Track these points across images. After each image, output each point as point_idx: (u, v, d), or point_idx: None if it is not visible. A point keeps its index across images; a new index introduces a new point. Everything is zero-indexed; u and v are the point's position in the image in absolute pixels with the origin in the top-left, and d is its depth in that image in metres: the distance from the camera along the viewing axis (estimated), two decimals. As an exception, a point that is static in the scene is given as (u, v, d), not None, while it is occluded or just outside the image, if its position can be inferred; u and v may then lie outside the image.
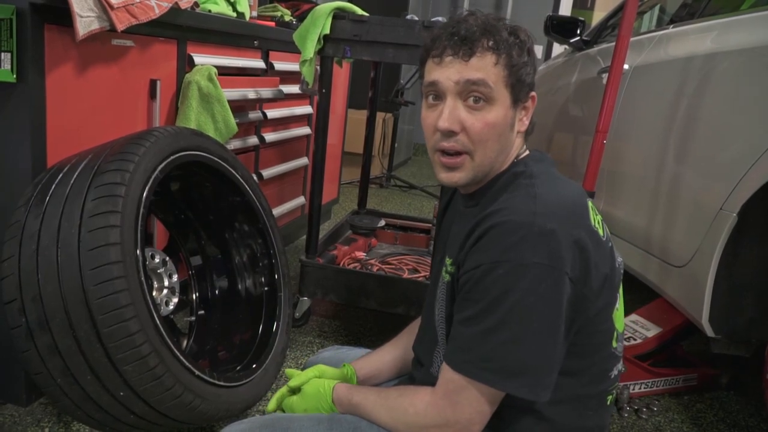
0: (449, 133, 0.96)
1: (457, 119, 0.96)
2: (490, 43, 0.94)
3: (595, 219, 0.98)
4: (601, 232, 0.97)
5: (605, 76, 2.01)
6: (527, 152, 1.05)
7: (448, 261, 1.03)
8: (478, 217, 0.95)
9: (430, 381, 1.08)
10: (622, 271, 1.04)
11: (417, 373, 1.18)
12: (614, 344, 1.02)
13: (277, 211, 2.48)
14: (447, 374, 0.94)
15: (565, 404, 0.98)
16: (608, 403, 1.06)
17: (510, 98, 0.97)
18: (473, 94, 0.95)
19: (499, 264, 0.88)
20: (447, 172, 1.00)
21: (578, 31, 3.06)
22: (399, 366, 1.28)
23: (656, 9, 3.26)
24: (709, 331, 1.62)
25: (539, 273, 0.87)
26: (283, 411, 1.18)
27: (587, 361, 0.99)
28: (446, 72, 0.96)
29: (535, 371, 0.90)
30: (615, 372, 1.04)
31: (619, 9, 2.83)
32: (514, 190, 0.96)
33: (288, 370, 1.23)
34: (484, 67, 0.94)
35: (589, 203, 0.99)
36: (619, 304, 1.03)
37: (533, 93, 1.02)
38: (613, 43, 1.93)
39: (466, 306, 0.93)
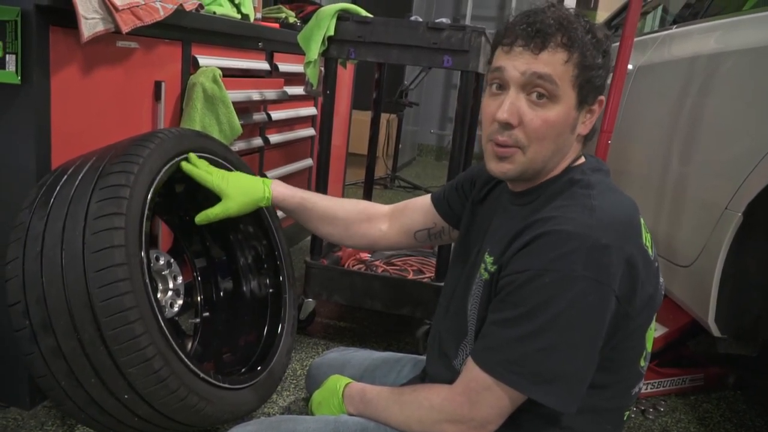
0: (506, 126, 0.94)
1: (516, 112, 0.93)
2: (564, 39, 0.92)
3: (646, 237, 0.96)
4: (650, 251, 0.96)
5: (609, 75, 2.00)
6: (583, 159, 1.03)
7: (488, 258, 1.01)
8: (528, 220, 0.93)
9: (447, 374, 1.07)
10: (663, 292, 1.03)
11: (433, 366, 1.17)
12: (642, 363, 1.01)
13: (281, 213, 2.48)
14: (472, 372, 0.94)
15: (586, 415, 0.97)
16: (625, 418, 1.05)
17: (576, 99, 0.94)
18: (537, 89, 0.92)
19: (547, 272, 0.87)
20: (498, 162, 0.98)
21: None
22: (323, 215, 1.37)
23: (659, 9, 3.25)
24: (716, 331, 1.61)
25: (587, 287, 0.86)
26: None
27: (615, 376, 0.98)
28: (514, 61, 0.93)
29: (567, 381, 0.89)
30: (636, 389, 1.03)
31: (623, 9, 2.83)
32: (569, 198, 0.94)
33: None
34: (553, 63, 0.91)
35: (642, 220, 0.97)
36: (652, 324, 1.02)
37: (602, 97, 0.98)
38: (617, 44, 1.92)
39: (504, 308, 0.92)
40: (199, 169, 1.34)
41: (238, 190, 1.33)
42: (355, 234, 1.37)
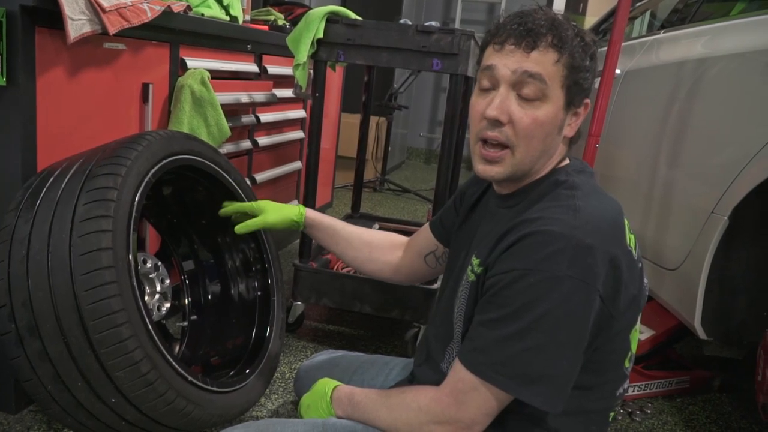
0: (495, 123, 0.95)
1: (506, 110, 0.94)
2: (555, 40, 0.93)
3: (630, 238, 0.97)
4: (634, 252, 0.97)
5: (597, 80, 2.02)
6: (567, 161, 1.04)
7: (475, 261, 1.02)
8: (513, 221, 0.94)
9: (435, 377, 1.08)
10: (647, 293, 1.04)
11: (420, 368, 1.18)
12: (626, 364, 1.02)
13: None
14: (459, 373, 0.94)
15: (572, 417, 0.98)
16: (610, 419, 1.06)
17: (564, 100, 0.95)
18: (528, 87, 0.93)
19: (532, 272, 0.87)
20: (485, 164, 0.98)
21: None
22: (352, 255, 1.40)
23: (647, 14, 3.28)
24: (702, 334, 1.62)
25: (572, 287, 0.86)
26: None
27: (601, 377, 0.99)
28: (505, 59, 0.94)
29: (552, 381, 0.89)
30: (621, 390, 1.04)
31: (611, 14, 2.85)
32: (554, 200, 0.95)
33: None
34: (544, 63, 0.93)
35: (626, 221, 0.98)
36: (637, 325, 1.03)
37: (587, 100, 1.00)
38: (605, 48, 1.94)
39: (491, 309, 0.92)
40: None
41: (274, 208, 1.42)
42: (378, 259, 1.40)
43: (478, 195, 1.19)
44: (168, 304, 1.54)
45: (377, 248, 1.40)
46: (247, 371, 1.44)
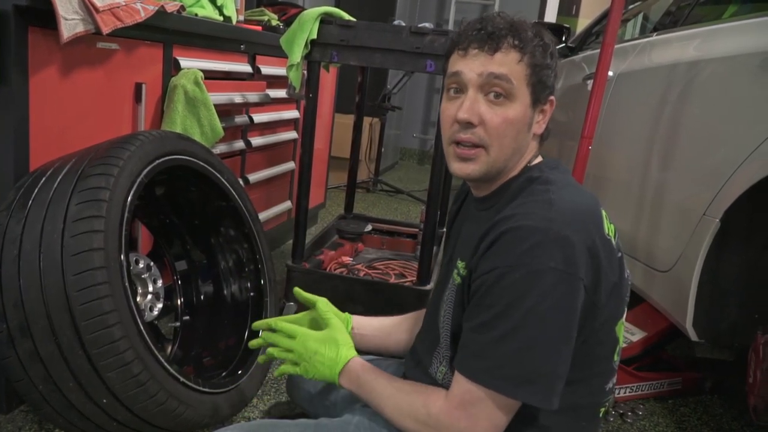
0: (467, 125, 0.97)
1: (476, 111, 0.96)
2: (516, 41, 0.96)
3: (609, 228, 0.98)
4: (613, 241, 0.98)
5: (590, 82, 2.03)
6: (540, 158, 1.06)
7: (460, 264, 1.03)
8: (491, 221, 0.95)
9: (426, 381, 1.08)
10: (629, 284, 1.04)
11: (411, 372, 1.18)
12: (615, 357, 1.03)
13: (263, 216, 2.47)
14: (463, 384, 0.93)
15: (562, 413, 0.98)
16: (600, 415, 1.06)
17: (530, 98, 0.98)
18: (495, 88, 0.96)
19: (513, 268, 0.88)
20: (461, 162, 1.00)
21: (563, 38, 3.09)
22: (395, 341, 1.32)
23: (640, 17, 3.29)
24: (693, 336, 1.63)
25: (554, 278, 0.87)
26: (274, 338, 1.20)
27: (588, 372, 0.99)
28: (470, 64, 0.97)
29: (547, 378, 0.90)
30: (610, 385, 1.04)
31: (604, 16, 2.86)
32: (529, 195, 0.97)
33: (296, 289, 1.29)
34: (508, 63, 0.95)
35: (603, 212, 0.99)
36: (623, 318, 1.03)
37: (552, 97, 1.02)
38: (598, 50, 1.94)
39: (479, 312, 0.93)
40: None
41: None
42: (406, 329, 1.35)
43: (458, 205, 1.21)
44: (160, 305, 1.54)
45: (397, 321, 1.38)
46: (239, 372, 1.43)
